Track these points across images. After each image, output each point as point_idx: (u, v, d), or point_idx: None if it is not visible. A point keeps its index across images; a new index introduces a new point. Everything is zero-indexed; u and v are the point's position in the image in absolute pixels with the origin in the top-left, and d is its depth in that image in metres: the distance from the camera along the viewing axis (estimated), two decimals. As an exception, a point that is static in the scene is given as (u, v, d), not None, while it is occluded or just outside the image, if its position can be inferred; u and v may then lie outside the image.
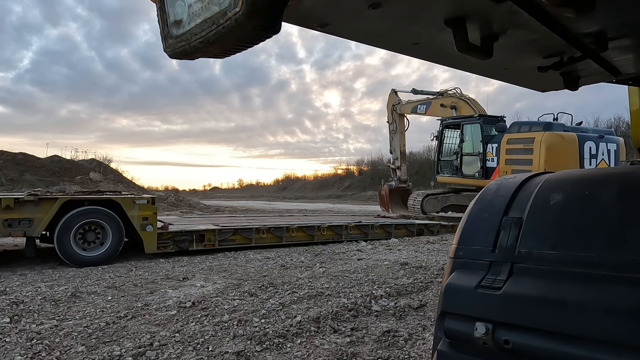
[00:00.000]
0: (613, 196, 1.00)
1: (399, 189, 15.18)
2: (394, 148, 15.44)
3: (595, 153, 10.52)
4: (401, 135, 15.29)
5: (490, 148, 11.63)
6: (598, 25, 1.19)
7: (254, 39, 0.74)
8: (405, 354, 2.76)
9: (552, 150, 10.19)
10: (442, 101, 13.42)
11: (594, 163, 10.43)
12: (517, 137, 10.88)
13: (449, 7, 1.06)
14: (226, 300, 3.88)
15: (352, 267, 5.47)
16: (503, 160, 11.14)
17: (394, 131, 15.30)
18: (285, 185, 69.65)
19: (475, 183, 12.21)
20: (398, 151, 15.28)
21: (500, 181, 1.29)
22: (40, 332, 3.04)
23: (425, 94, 13.84)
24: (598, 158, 10.55)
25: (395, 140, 15.33)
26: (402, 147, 15.33)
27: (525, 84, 1.88)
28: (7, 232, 5.22)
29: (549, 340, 0.88)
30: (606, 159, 10.64)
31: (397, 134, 15.24)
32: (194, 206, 20.01)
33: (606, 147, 10.64)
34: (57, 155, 27.91)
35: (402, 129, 15.24)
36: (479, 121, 11.90)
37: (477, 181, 12.02)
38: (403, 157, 15.35)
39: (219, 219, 9.16)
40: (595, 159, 10.49)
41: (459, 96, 12.98)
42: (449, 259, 1.17)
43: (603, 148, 10.59)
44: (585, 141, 10.40)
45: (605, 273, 0.87)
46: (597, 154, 10.53)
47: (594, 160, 10.45)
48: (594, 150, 10.49)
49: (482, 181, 11.77)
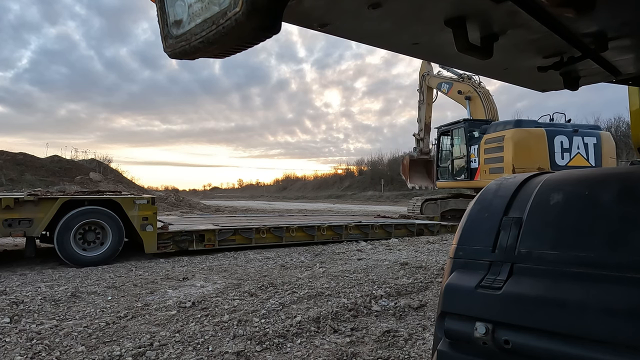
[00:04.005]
0: (613, 196, 1.00)
1: (420, 160, 15.29)
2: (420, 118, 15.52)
3: (569, 147, 10.76)
4: (428, 107, 15.37)
5: (473, 150, 12.08)
6: (598, 25, 1.19)
7: (254, 39, 0.74)
8: (405, 354, 2.76)
9: (519, 147, 10.63)
10: (460, 87, 13.58)
11: (567, 157, 10.71)
12: (492, 136, 11.33)
13: (449, 7, 1.06)
14: (226, 300, 3.88)
15: (352, 267, 5.47)
16: (482, 160, 11.57)
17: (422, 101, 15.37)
18: (285, 185, 69.72)
19: (464, 185, 12.61)
20: (423, 122, 15.37)
21: (500, 181, 1.29)
22: (40, 332, 3.04)
23: (453, 72, 13.97)
24: (572, 152, 10.78)
25: (422, 111, 15.42)
26: (428, 118, 15.41)
27: (525, 84, 1.88)
28: (7, 232, 5.22)
29: (549, 340, 0.88)
30: (583, 153, 10.82)
31: (424, 105, 15.32)
32: (194, 206, 20.03)
33: (582, 141, 10.80)
34: (57, 155, 27.99)
35: (430, 101, 15.32)
36: (464, 125, 12.41)
37: (465, 183, 12.37)
38: (427, 128, 15.39)
39: (219, 219, 9.18)
40: (568, 153, 10.74)
41: (474, 87, 13.07)
42: (449, 259, 1.17)
43: (578, 142, 10.78)
44: (555, 136, 10.68)
45: (605, 273, 0.87)
46: (571, 149, 10.76)
47: (567, 155, 10.72)
48: (567, 144, 10.73)
49: (469, 182, 12.18)
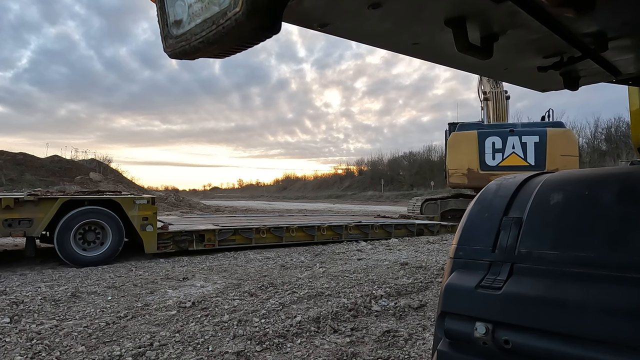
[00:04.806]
0: (613, 196, 1.00)
1: None
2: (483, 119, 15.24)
3: (502, 147, 11.54)
4: None
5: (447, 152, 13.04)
6: (598, 25, 1.19)
7: (254, 39, 0.74)
8: (405, 354, 2.76)
9: (453, 149, 12.13)
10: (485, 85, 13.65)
11: (498, 157, 11.57)
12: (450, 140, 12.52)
13: (449, 7, 1.06)
14: (226, 300, 3.88)
15: (352, 267, 5.47)
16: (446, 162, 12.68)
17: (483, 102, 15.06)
18: (285, 185, 69.75)
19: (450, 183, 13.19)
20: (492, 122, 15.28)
21: (500, 181, 1.29)
22: (40, 332, 3.04)
23: None
24: (506, 152, 11.53)
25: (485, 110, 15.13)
26: None
27: (525, 84, 1.88)
28: (7, 232, 5.23)
29: (549, 340, 0.88)
30: (519, 153, 11.41)
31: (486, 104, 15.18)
32: (194, 206, 20.04)
33: (519, 141, 11.40)
34: (57, 155, 27.98)
35: None
36: (446, 128, 13.12)
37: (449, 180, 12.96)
38: None
39: (219, 219, 9.18)
40: (501, 153, 11.56)
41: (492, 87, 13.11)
42: (449, 259, 1.17)
43: (513, 142, 11.44)
44: (486, 137, 11.67)
45: (605, 273, 0.87)
46: (505, 148, 11.52)
47: (498, 155, 11.58)
48: (499, 145, 11.56)
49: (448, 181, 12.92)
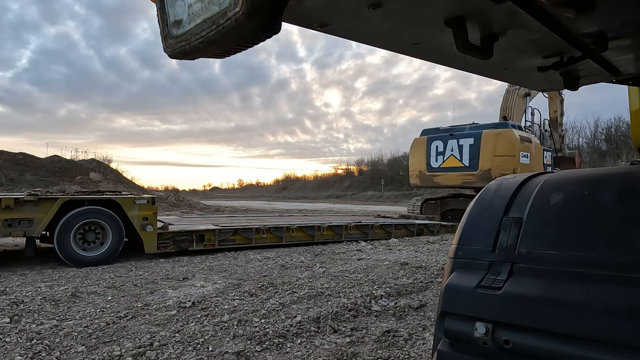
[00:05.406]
0: (613, 196, 1.01)
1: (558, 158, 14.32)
2: None
3: (443, 150, 12.00)
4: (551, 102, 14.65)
5: None
6: (598, 25, 1.19)
7: (254, 39, 0.74)
8: (405, 354, 2.76)
9: (412, 152, 13.11)
10: None
11: (440, 159, 12.07)
12: None
13: (449, 7, 1.06)
14: (226, 300, 3.88)
15: (352, 267, 5.47)
16: None
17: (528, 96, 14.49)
18: (285, 185, 69.65)
19: None
20: None
21: (500, 181, 1.29)
22: (40, 332, 3.04)
23: None
24: (446, 154, 11.96)
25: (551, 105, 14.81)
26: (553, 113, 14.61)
27: (525, 84, 1.88)
28: (7, 232, 5.22)
29: (549, 340, 0.88)
30: (456, 155, 11.76)
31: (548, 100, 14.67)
32: (194, 206, 20.02)
33: (457, 144, 11.75)
34: (57, 155, 27.94)
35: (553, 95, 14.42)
36: None
37: None
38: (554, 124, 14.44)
39: (219, 219, 9.17)
40: (442, 156, 12.03)
41: None
42: (449, 259, 1.17)
43: (452, 145, 11.84)
44: (432, 141, 12.27)
45: (605, 273, 0.87)
46: (445, 151, 11.95)
47: (440, 157, 12.07)
48: (442, 148, 12.04)
49: None
